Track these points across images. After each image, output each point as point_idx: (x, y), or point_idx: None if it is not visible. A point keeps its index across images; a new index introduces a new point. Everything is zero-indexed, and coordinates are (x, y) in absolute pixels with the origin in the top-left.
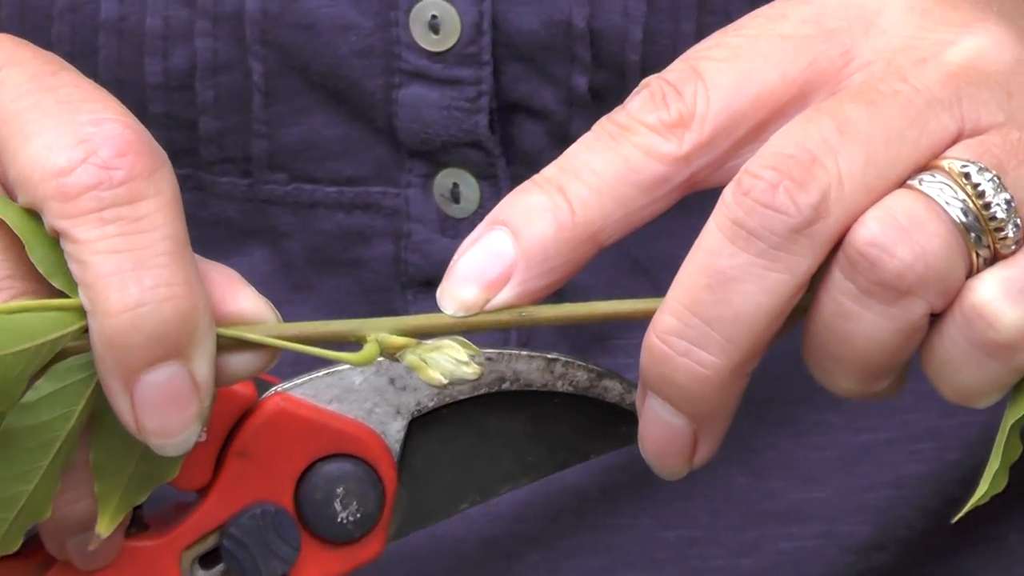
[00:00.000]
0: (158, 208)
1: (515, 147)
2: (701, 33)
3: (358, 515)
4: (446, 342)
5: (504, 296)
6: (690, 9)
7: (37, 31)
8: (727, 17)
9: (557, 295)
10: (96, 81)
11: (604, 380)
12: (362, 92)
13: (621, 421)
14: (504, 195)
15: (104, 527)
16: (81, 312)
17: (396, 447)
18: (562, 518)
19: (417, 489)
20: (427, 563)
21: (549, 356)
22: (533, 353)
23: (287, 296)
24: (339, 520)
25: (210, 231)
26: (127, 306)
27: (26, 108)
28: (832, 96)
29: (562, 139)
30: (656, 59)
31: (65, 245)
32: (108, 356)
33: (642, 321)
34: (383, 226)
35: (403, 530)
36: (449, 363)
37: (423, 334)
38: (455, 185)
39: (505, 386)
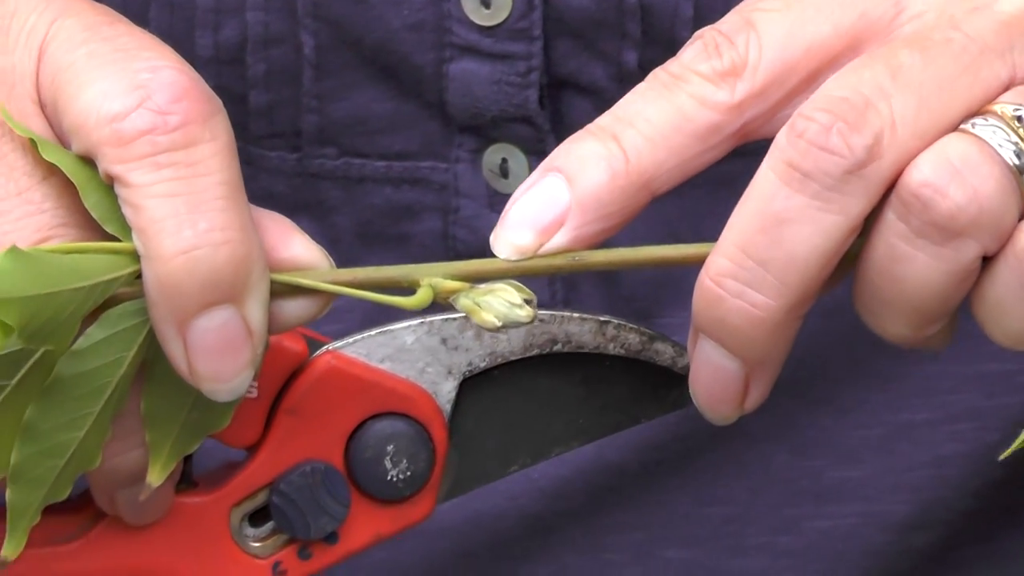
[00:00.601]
0: (213, 153)
1: (564, 123)
2: None
3: (408, 474)
4: (500, 285)
5: (558, 240)
6: None
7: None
8: None
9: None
10: None
11: (656, 343)
12: (412, 66)
13: (672, 385)
14: None
15: (155, 476)
16: (134, 257)
17: (447, 407)
18: (602, 494)
19: (467, 450)
20: (469, 538)
21: (601, 318)
22: (585, 315)
23: None
24: (389, 478)
25: (259, 205)
26: (181, 249)
27: (81, 57)
28: (886, 44)
29: None
30: None
31: (119, 190)
32: (161, 300)
33: (685, 299)
34: (431, 201)
35: (453, 491)
36: (503, 306)
37: (477, 279)
38: (504, 160)
39: (557, 348)
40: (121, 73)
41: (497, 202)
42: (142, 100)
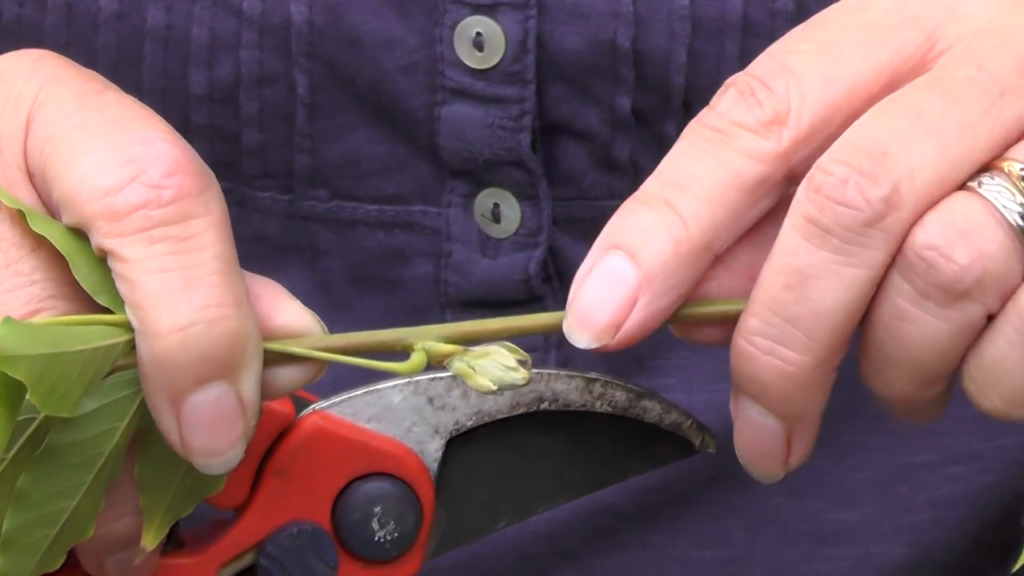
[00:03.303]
0: (208, 227)
1: (557, 167)
2: (745, 56)
3: (396, 534)
4: (494, 348)
5: (634, 319)
6: (735, 32)
7: (83, 39)
8: (771, 40)
9: None
10: (141, 91)
11: (643, 400)
12: (405, 109)
13: (659, 441)
14: (545, 215)
15: (149, 540)
16: (127, 328)
17: (434, 466)
18: (599, 536)
19: (454, 508)
20: None
21: (588, 376)
22: (572, 373)
23: (326, 315)
24: (377, 539)
25: (249, 247)
26: (177, 326)
27: (72, 127)
28: (908, 86)
29: (604, 160)
30: (700, 81)
31: (113, 264)
32: (156, 376)
33: (680, 341)
34: (423, 245)
35: (440, 549)
36: (498, 369)
37: (470, 341)
38: (496, 205)
39: (544, 406)
40: (113, 145)
41: (489, 247)
42: (136, 174)
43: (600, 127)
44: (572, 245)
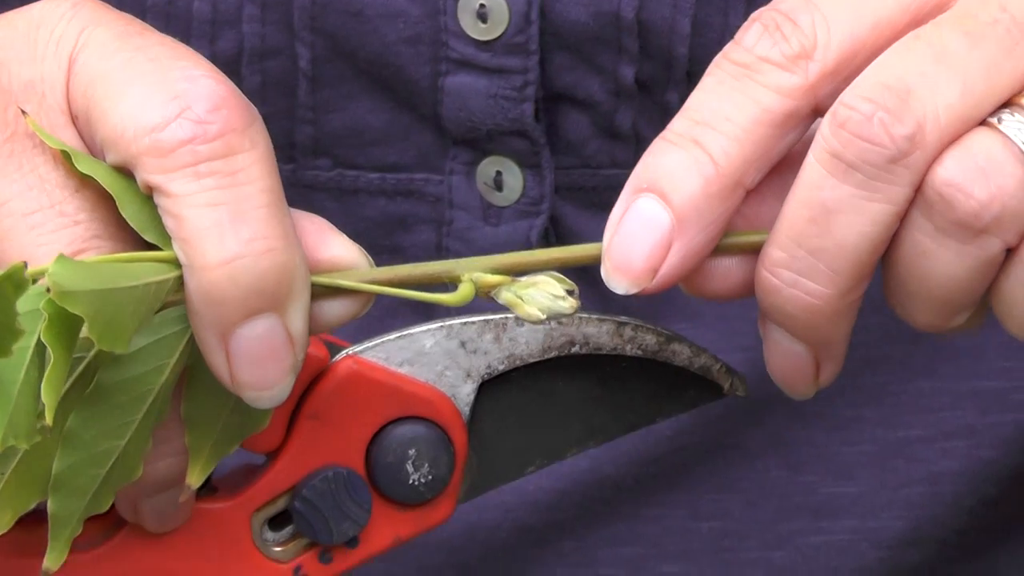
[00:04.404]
0: (254, 161)
1: (559, 136)
2: None
3: (429, 477)
4: (541, 278)
5: (671, 261)
6: (738, 2)
7: None
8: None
9: None
10: None
11: (673, 344)
12: (408, 80)
13: (689, 385)
14: (547, 184)
15: (195, 478)
16: (176, 265)
17: (466, 410)
18: (597, 507)
19: (486, 452)
20: (463, 550)
21: (619, 319)
22: (603, 316)
23: None
24: (411, 482)
25: None
26: (225, 259)
27: (115, 67)
28: (932, 23)
29: (607, 129)
30: (704, 51)
31: (160, 200)
32: (204, 310)
33: (680, 311)
34: (425, 213)
35: (471, 493)
36: (546, 298)
37: (517, 271)
38: (498, 173)
39: (574, 350)
40: (158, 83)
41: (491, 214)
42: (181, 110)
43: (603, 96)
44: (574, 213)
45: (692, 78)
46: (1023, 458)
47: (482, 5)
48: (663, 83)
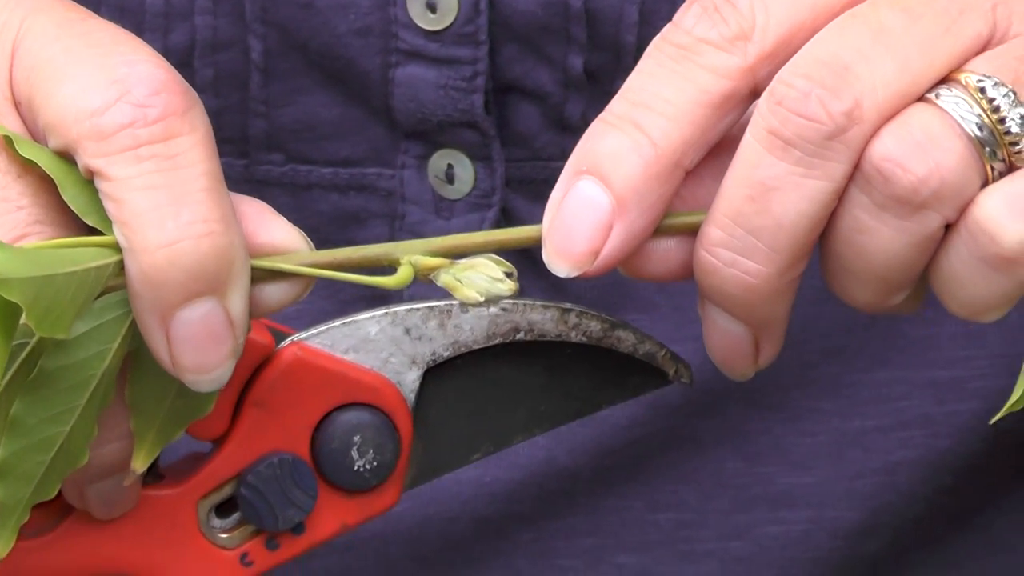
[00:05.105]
0: (193, 145)
1: (510, 128)
2: None
3: (374, 464)
4: (480, 260)
5: (612, 244)
6: None
7: None
8: None
9: None
10: None
11: (617, 330)
12: (359, 71)
13: (633, 371)
14: (498, 176)
15: (139, 463)
16: (116, 249)
17: (411, 397)
18: (554, 499)
19: (431, 439)
20: (420, 542)
21: (563, 306)
22: (548, 303)
23: None
24: (356, 468)
25: None
26: (164, 242)
27: (57, 53)
28: (869, 1)
29: (557, 120)
30: (652, 40)
31: (100, 184)
32: (144, 293)
33: (634, 302)
34: (378, 208)
35: (417, 480)
36: (484, 281)
37: (455, 254)
38: (450, 166)
39: (519, 336)
40: (98, 68)
41: (443, 208)
42: (121, 94)
43: (553, 87)
44: (525, 206)
45: None
46: (980, 447)
47: None
48: (612, 73)
